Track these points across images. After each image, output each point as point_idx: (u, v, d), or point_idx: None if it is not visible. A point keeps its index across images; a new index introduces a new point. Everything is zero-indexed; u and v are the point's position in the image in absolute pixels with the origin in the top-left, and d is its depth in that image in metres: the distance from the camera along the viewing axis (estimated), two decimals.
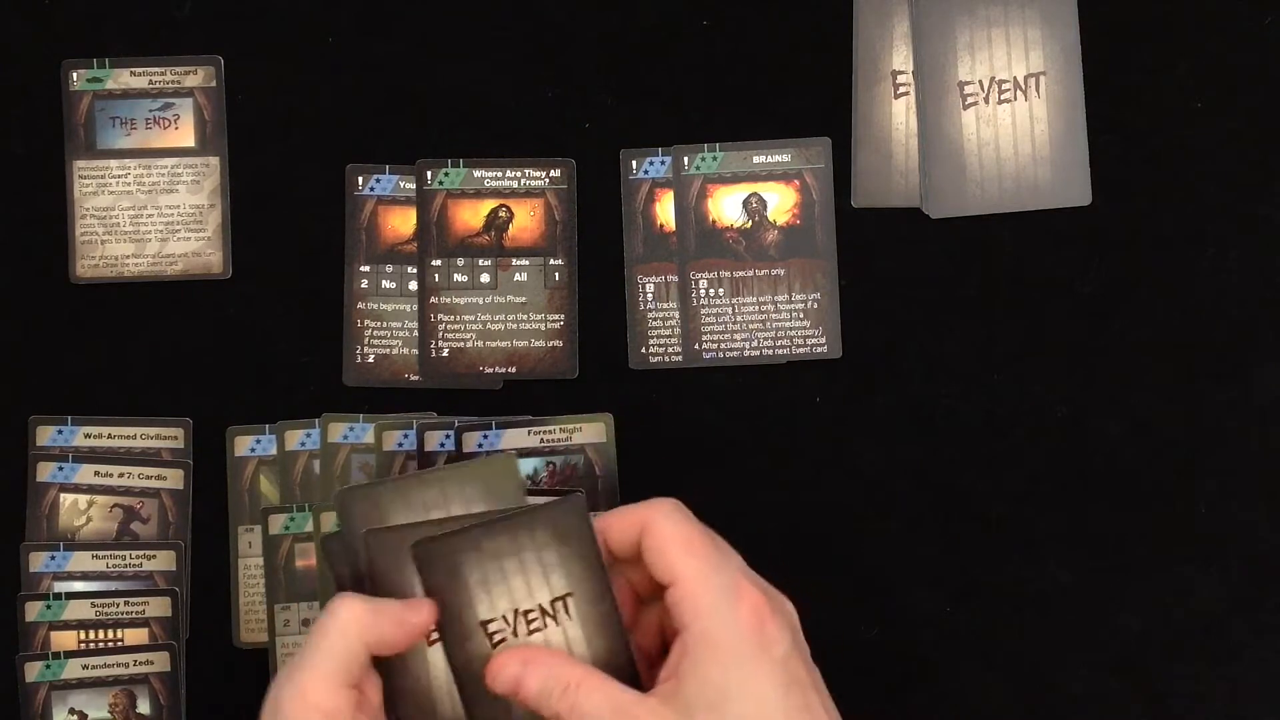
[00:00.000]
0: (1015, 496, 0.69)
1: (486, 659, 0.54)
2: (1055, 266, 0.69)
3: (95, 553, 0.68)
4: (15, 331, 0.69)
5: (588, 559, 0.54)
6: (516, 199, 0.70)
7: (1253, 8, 0.70)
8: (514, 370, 0.69)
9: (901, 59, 0.70)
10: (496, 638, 0.54)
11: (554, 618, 0.54)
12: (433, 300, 0.69)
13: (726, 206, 0.69)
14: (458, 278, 0.70)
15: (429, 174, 0.69)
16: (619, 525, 0.54)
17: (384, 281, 0.69)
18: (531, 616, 0.54)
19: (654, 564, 0.53)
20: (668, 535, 0.53)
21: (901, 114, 0.70)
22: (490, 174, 0.70)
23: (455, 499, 0.56)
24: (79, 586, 0.68)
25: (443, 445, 0.68)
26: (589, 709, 0.51)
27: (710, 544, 0.53)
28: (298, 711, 0.51)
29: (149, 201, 0.69)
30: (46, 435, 0.68)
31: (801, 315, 0.69)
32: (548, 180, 0.70)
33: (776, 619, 0.53)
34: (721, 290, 0.69)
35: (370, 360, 0.69)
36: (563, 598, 0.54)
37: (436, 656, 0.55)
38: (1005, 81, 0.70)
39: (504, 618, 0.54)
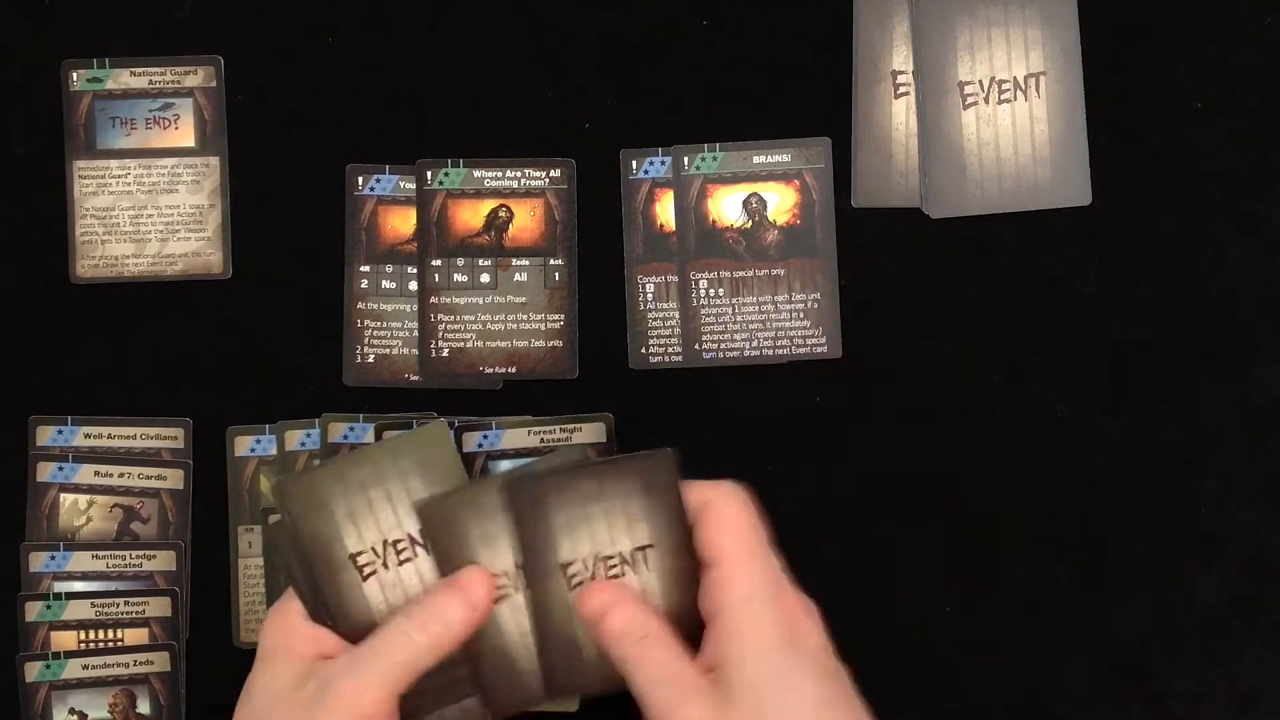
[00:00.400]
0: (1015, 496, 0.69)
1: (563, 599, 0.55)
2: (1055, 266, 0.69)
3: (95, 553, 0.68)
4: (15, 331, 0.69)
5: (672, 514, 0.55)
6: (516, 199, 0.70)
7: (1253, 8, 0.70)
8: (514, 370, 0.69)
9: (901, 59, 0.70)
10: (575, 580, 0.55)
11: (633, 566, 0.55)
12: (433, 300, 0.69)
13: (726, 206, 0.69)
14: (458, 278, 0.70)
15: (429, 174, 0.69)
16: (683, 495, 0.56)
17: (384, 281, 0.69)
18: (612, 563, 0.55)
19: (706, 540, 0.55)
20: (729, 517, 0.55)
21: (901, 114, 0.70)
22: (490, 174, 0.70)
23: (391, 475, 0.57)
24: (79, 586, 0.68)
25: None
26: (653, 666, 0.53)
27: (764, 538, 0.55)
28: (346, 709, 0.53)
29: (149, 201, 0.69)
30: (46, 435, 0.68)
31: (801, 315, 0.69)
32: (548, 180, 0.70)
33: (809, 617, 0.55)
34: (721, 290, 0.69)
35: (370, 360, 0.69)
36: (644, 548, 0.55)
37: (504, 615, 0.57)
38: (1005, 81, 0.70)
39: (584, 561, 0.56)
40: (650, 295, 0.69)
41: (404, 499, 0.57)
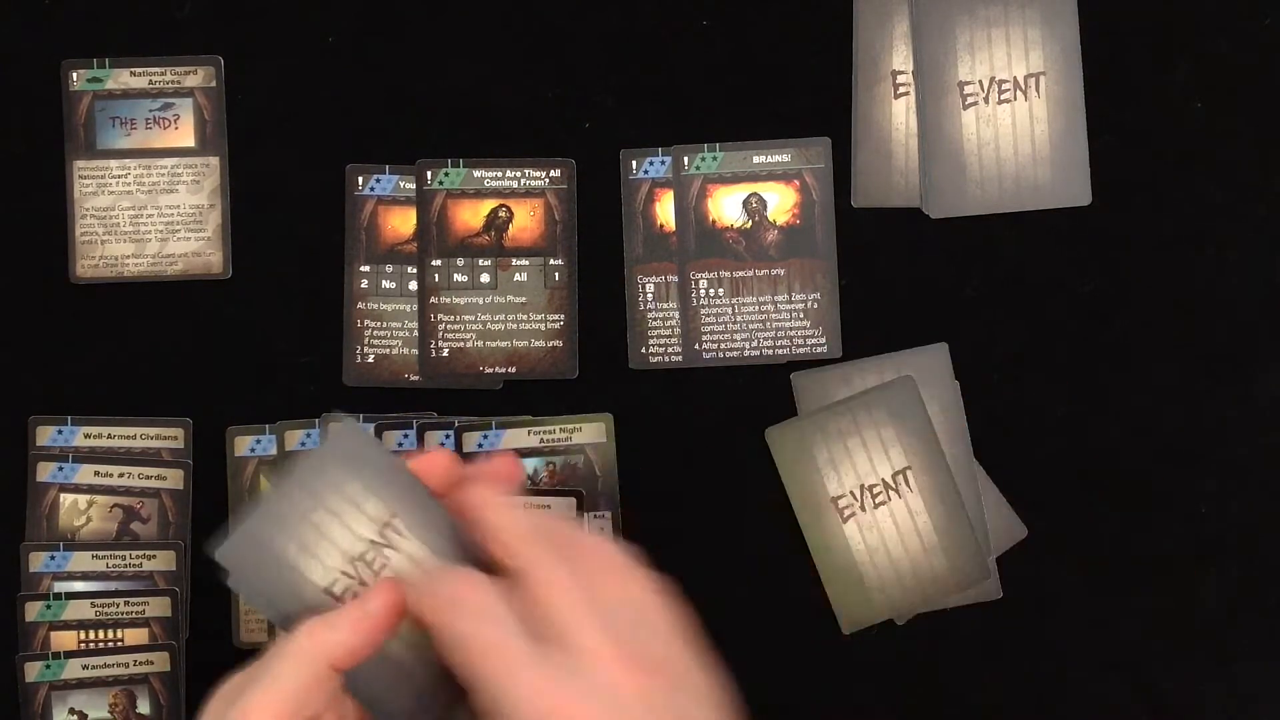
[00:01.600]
0: (1015, 497, 0.69)
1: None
2: (1055, 266, 0.69)
3: (95, 553, 0.68)
4: (15, 331, 0.69)
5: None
6: (516, 199, 0.70)
7: (1253, 8, 0.70)
8: (514, 370, 0.69)
9: (901, 59, 0.70)
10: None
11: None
12: (433, 300, 0.69)
13: (726, 206, 0.69)
14: (458, 278, 0.70)
15: (429, 174, 0.69)
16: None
17: (384, 281, 0.69)
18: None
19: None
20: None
21: (901, 114, 0.70)
22: (490, 174, 0.70)
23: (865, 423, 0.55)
24: (79, 586, 0.68)
25: (442, 445, 0.68)
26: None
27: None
28: None
29: (149, 201, 0.69)
30: (46, 435, 0.68)
31: (801, 315, 0.69)
32: (548, 180, 0.70)
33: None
34: (721, 290, 0.69)
35: (370, 360, 0.69)
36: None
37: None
38: (1005, 81, 0.70)
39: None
40: (650, 295, 0.69)
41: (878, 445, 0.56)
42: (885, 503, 0.66)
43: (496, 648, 0.46)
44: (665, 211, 0.69)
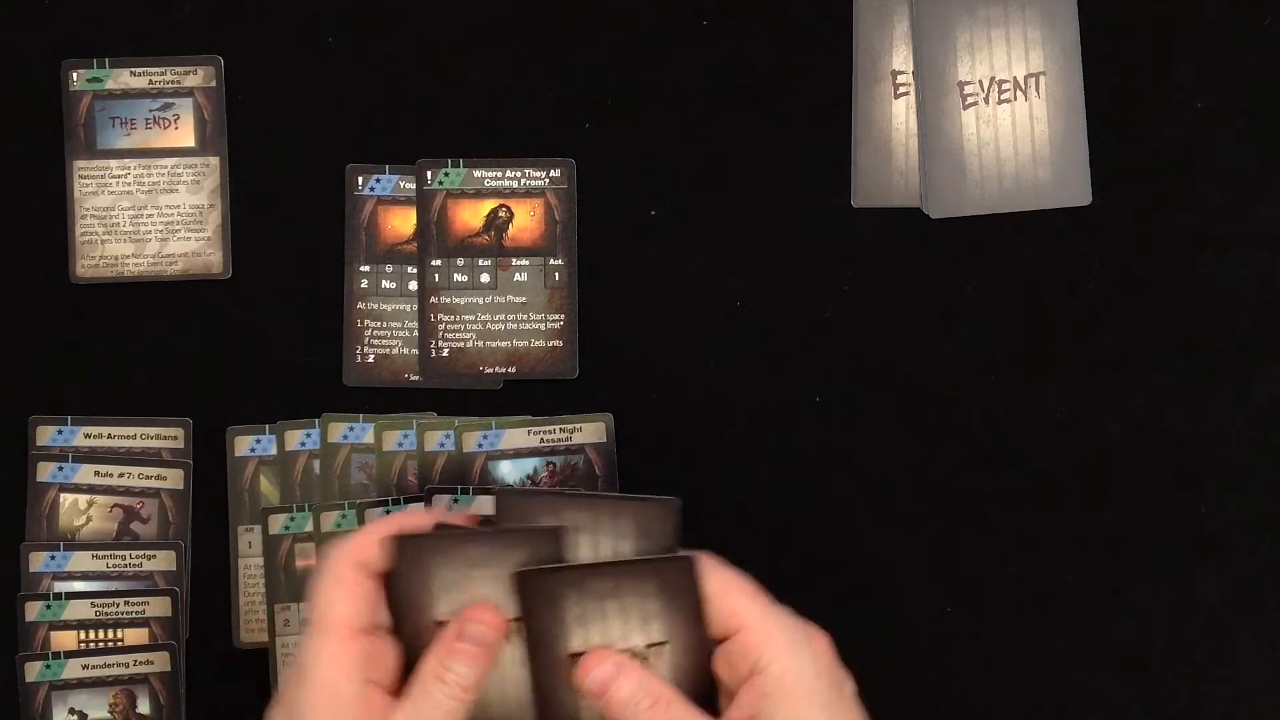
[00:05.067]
0: (1015, 496, 0.69)
1: (569, 687, 0.54)
2: (1055, 266, 0.69)
3: (95, 553, 0.68)
4: (15, 331, 0.69)
5: (689, 614, 0.54)
6: (516, 199, 0.70)
7: (1253, 8, 0.70)
8: (514, 370, 0.69)
9: (901, 59, 0.70)
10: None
11: (645, 660, 0.54)
12: (433, 300, 0.69)
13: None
14: (458, 278, 0.70)
15: (429, 174, 0.69)
16: None
17: (384, 281, 0.69)
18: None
19: (718, 611, 0.53)
20: (728, 583, 0.54)
21: (901, 114, 0.70)
22: (490, 174, 0.70)
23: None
24: (79, 586, 0.68)
25: (442, 445, 0.68)
26: None
27: (759, 589, 0.54)
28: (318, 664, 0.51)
29: (149, 201, 0.69)
30: (46, 435, 0.68)
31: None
32: (548, 180, 0.70)
33: (837, 659, 0.55)
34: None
35: (370, 360, 0.69)
36: (658, 645, 0.54)
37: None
38: (1005, 81, 0.70)
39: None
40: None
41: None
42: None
43: None
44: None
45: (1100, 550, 0.69)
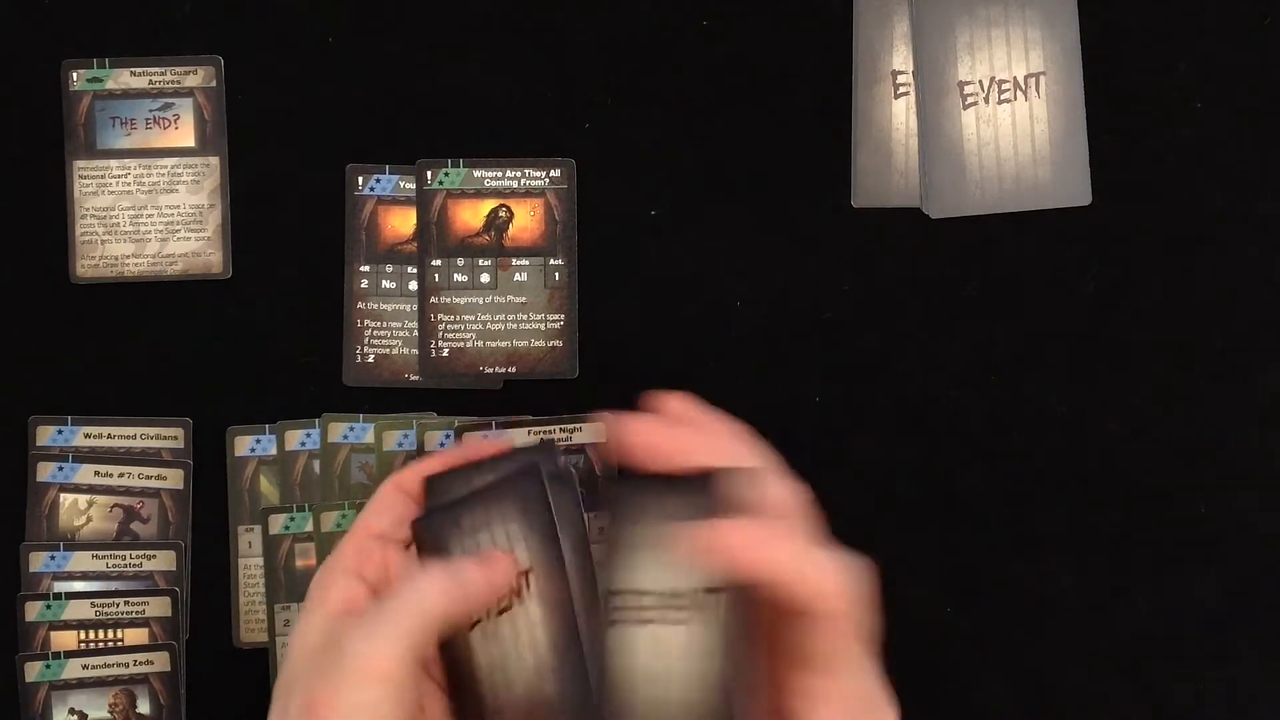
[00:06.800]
0: (1015, 496, 0.69)
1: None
2: (1055, 266, 0.69)
3: (95, 553, 0.68)
4: (15, 331, 0.69)
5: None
6: (516, 199, 0.70)
7: (1253, 8, 0.70)
8: (514, 370, 0.69)
9: (901, 59, 0.70)
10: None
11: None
12: (433, 300, 0.70)
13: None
14: (458, 278, 0.70)
15: (429, 174, 0.69)
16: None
17: (384, 281, 0.69)
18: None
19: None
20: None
21: (901, 114, 0.70)
22: (490, 174, 0.70)
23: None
24: (79, 586, 0.68)
25: (442, 445, 0.68)
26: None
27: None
28: (363, 674, 0.52)
29: (149, 201, 0.69)
30: (46, 435, 0.68)
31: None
32: (548, 180, 0.70)
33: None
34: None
35: (370, 360, 0.69)
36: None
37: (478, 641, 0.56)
38: (1005, 81, 0.70)
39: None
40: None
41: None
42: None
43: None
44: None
45: (1100, 550, 0.69)
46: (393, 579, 0.57)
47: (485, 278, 0.70)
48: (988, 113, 0.70)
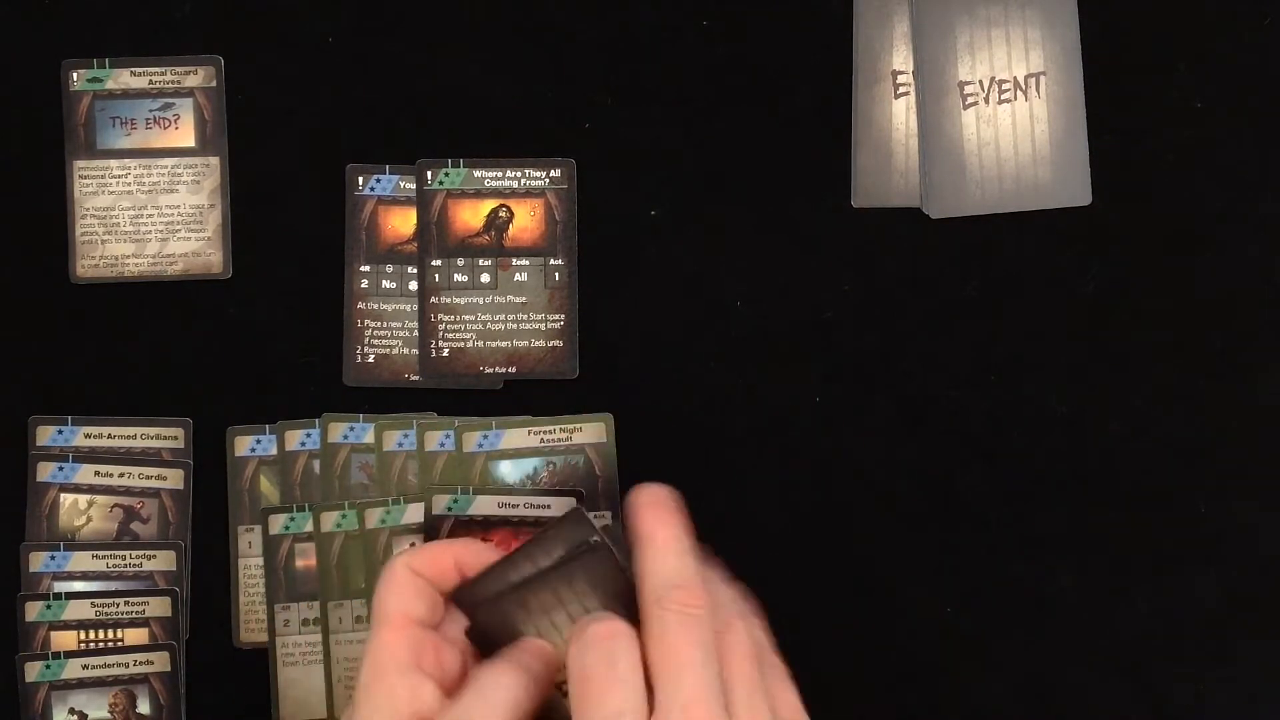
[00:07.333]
0: (1015, 496, 0.69)
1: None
2: (1055, 266, 0.69)
3: (95, 553, 0.68)
4: (15, 331, 0.69)
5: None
6: (516, 199, 0.70)
7: (1253, 8, 0.70)
8: (514, 370, 0.69)
9: (901, 59, 0.70)
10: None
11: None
12: (433, 300, 0.70)
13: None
14: (458, 278, 0.70)
15: (429, 174, 0.69)
16: None
17: (384, 281, 0.69)
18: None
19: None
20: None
21: (901, 114, 0.70)
22: (490, 174, 0.70)
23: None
24: (79, 586, 0.68)
25: (442, 445, 0.68)
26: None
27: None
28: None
29: (149, 201, 0.69)
30: (46, 435, 0.68)
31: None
32: (548, 180, 0.70)
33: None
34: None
35: (370, 360, 0.69)
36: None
37: None
38: (1005, 81, 0.70)
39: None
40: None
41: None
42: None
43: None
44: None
45: (1100, 550, 0.69)
46: (448, 670, 0.56)
47: (485, 278, 0.70)
48: (988, 113, 0.70)
